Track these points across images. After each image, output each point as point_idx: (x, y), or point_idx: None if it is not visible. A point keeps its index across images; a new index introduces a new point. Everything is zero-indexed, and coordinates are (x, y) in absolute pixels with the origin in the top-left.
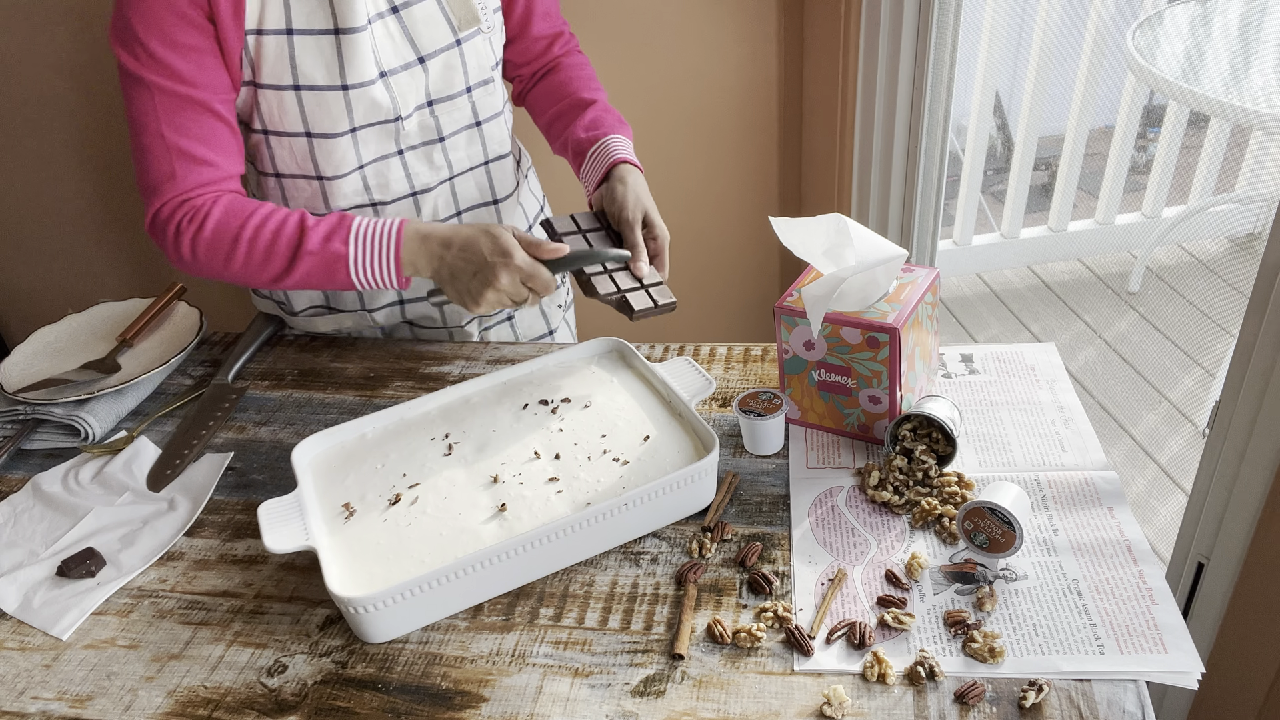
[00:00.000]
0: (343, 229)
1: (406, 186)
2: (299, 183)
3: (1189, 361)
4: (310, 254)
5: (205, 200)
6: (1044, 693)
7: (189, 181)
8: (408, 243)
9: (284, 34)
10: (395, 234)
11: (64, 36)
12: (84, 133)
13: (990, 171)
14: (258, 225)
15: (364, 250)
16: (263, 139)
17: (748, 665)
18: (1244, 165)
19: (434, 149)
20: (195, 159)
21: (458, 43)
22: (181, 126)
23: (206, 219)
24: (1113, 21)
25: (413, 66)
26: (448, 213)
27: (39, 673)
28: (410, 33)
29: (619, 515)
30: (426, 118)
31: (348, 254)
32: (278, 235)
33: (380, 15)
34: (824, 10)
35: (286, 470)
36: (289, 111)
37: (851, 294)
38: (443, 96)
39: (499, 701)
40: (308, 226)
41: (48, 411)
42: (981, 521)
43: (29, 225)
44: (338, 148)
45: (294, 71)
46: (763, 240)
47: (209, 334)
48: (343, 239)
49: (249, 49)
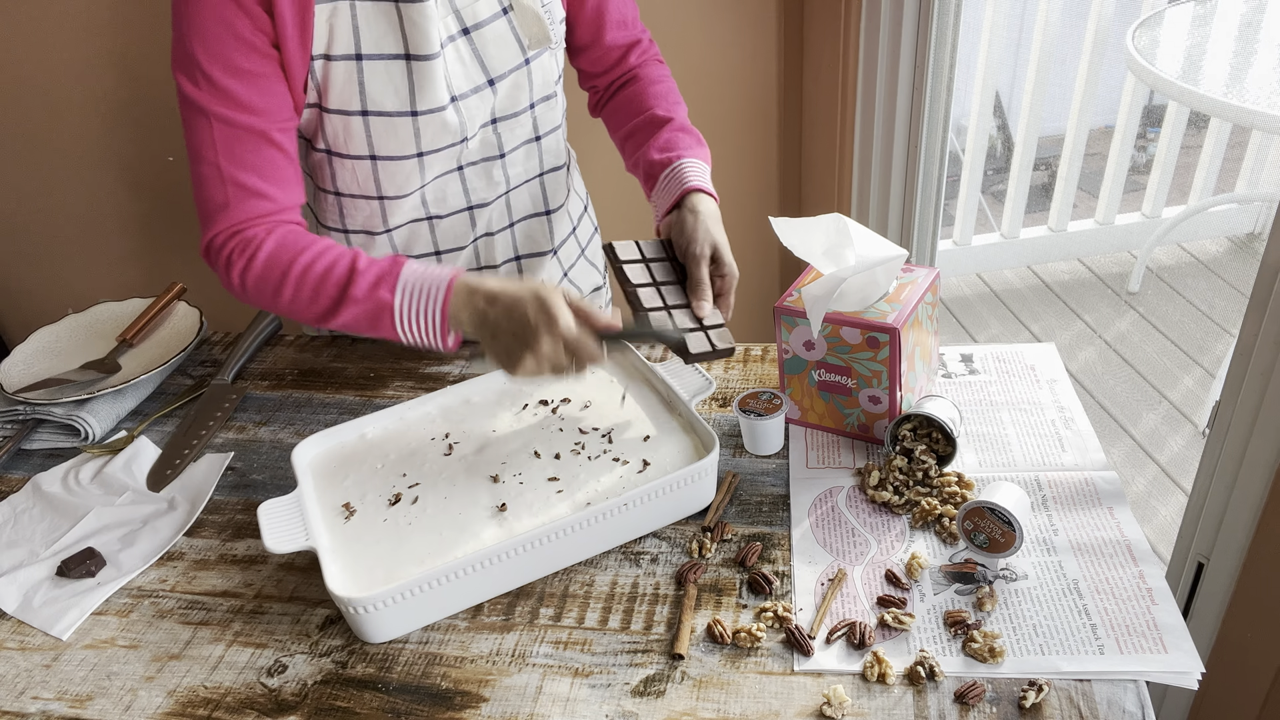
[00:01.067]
0: (391, 276)
1: (464, 201)
2: (359, 202)
3: (1189, 361)
4: (356, 300)
5: (258, 232)
6: (1044, 693)
7: (242, 213)
8: (455, 295)
9: (353, 59)
10: (445, 286)
11: (67, 39)
12: (85, 133)
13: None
14: (307, 263)
15: (410, 301)
16: (325, 159)
17: (748, 665)
18: (1244, 165)
19: (494, 165)
20: (250, 190)
21: (526, 62)
22: (238, 158)
23: (258, 251)
24: (1113, 21)
25: (482, 89)
26: (501, 224)
27: (39, 673)
28: (480, 54)
29: (619, 515)
30: (489, 135)
31: (393, 304)
32: (326, 276)
33: (452, 38)
34: (824, 10)
35: (286, 470)
36: (355, 136)
37: (851, 294)
38: (506, 114)
39: (499, 701)
40: (358, 270)
41: (48, 411)
42: (981, 521)
43: (29, 225)
44: (402, 170)
45: (362, 97)
46: (763, 240)
47: (209, 334)
48: (390, 287)
49: (315, 73)
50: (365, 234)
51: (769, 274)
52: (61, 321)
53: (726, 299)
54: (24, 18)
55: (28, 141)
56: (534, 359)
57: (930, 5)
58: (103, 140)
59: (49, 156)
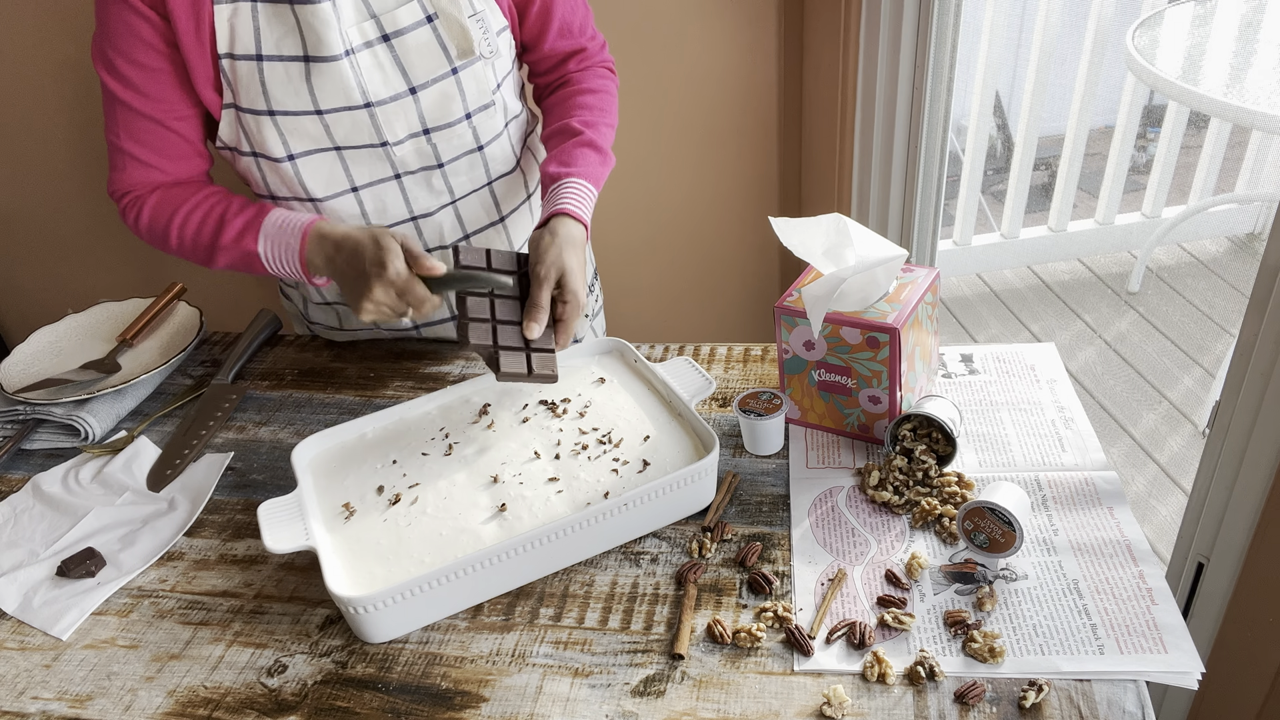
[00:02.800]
0: (255, 225)
1: (405, 211)
2: (293, 204)
3: (1189, 361)
4: (225, 248)
5: (143, 191)
6: (1044, 693)
7: (132, 178)
8: (310, 242)
9: (254, 59)
10: (300, 234)
11: (65, 40)
12: (85, 134)
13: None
14: (186, 214)
15: (272, 247)
16: (253, 162)
17: (748, 665)
18: (1244, 165)
19: (433, 174)
20: (141, 161)
21: (454, 71)
22: (135, 134)
23: (144, 207)
24: (1113, 21)
25: (403, 97)
26: (454, 235)
27: (39, 673)
28: (402, 62)
29: (619, 515)
30: (423, 145)
31: (258, 251)
32: (200, 227)
33: (369, 44)
34: (824, 10)
35: (286, 470)
36: (269, 136)
37: (851, 294)
38: (440, 125)
39: (499, 701)
40: (227, 219)
41: (48, 411)
42: (981, 521)
43: (29, 225)
44: (323, 165)
45: (266, 97)
46: (763, 240)
47: (209, 334)
48: (253, 236)
49: (225, 72)
50: None
51: (769, 274)
52: (61, 321)
53: (566, 326)
54: (23, 16)
55: (28, 141)
56: (371, 303)
57: (930, 5)
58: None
59: (49, 157)
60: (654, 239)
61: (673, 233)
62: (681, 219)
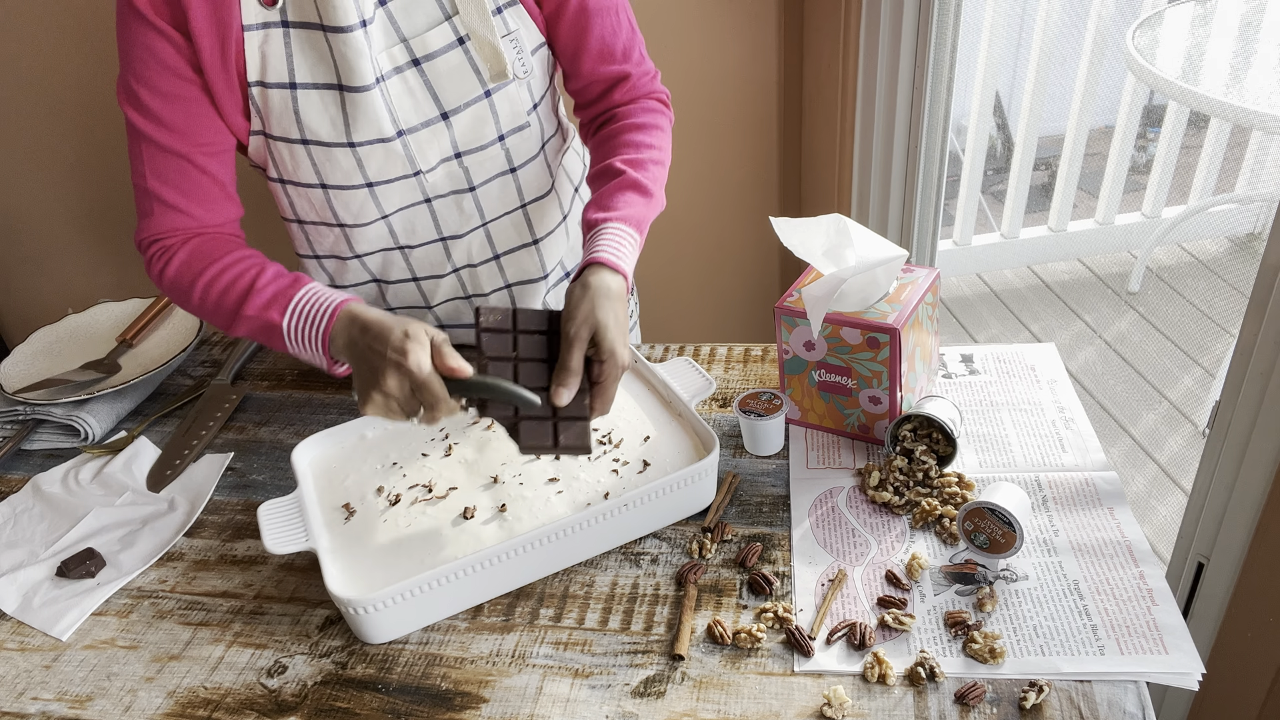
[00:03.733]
0: (285, 298)
1: (434, 232)
2: (321, 229)
3: (1189, 361)
4: (248, 318)
5: (175, 242)
6: (1044, 693)
7: (162, 225)
8: (338, 322)
9: (288, 88)
10: (331, 311)
11: (66, 41)
12: (85, 134)
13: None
14: (213, 276)
15: (299, 323)
16: (280, 187)
17: (748, 666)
18: (1244, 165)
19: (464, 198)
20: (170, 206)
21: (487, 94)
22: (163, 175)
23: (172, 260)
24: (1113, 21)
25: (434, 123)
26: (483, 256)
27: (39, 673)
28: (433, 87)
29: (619, 515)
30: (455, 168)
31: (282, 325)
32: (227, 291)
33: (399, 69)
34: (824, 10)
35: (286, 470)
36: (301, 163)
37: (851, 294)
38: (472, 148)
39: (499, 702)
40: (255, 288)
41: (48, 411)
42: (982, 522)
43: (29, 225)
44: (355, 199)
45: (299, 125)
46: (763, 240)
47: (209, 334)
48: (281, 309)
49: (255, 100)
50: (335, 259)
51: (769, 274)
52: (61, 321)
53: (604, 390)
54: (24, 18)
55: (28, 142)
56: (380, 394)
57: (930, 5)
58: (103, 141)
59: (49, 157)
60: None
61: (673, 232)
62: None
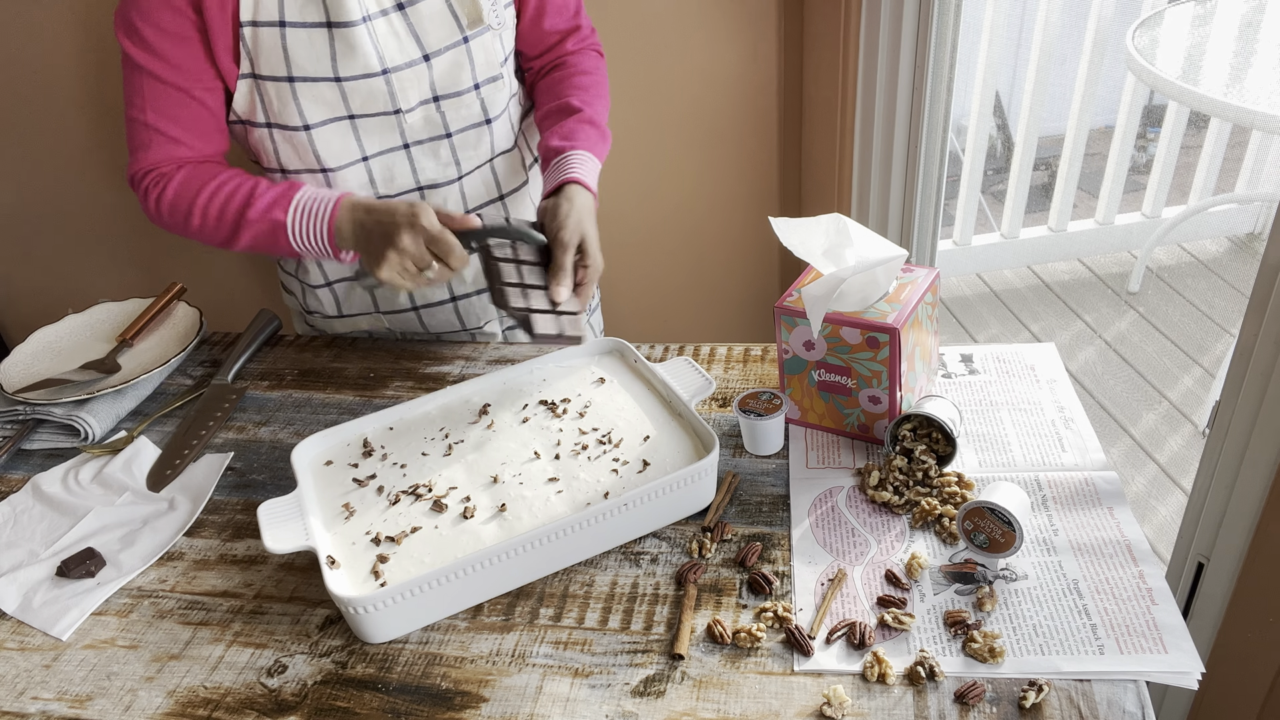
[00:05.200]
0: (286, 198)
1: (412, 180)
2: (303, 176)
3: (1189, 361)
4: (252, 221)
5: (169, 169)
6: (1044, 693)
7: (158, 155)
8: (341, 211)
9: (278, 26)
10: (333, 203)
11: (67, 38)
12: (85, 133)
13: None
14: (213, 191)
15: (301, 218)
16: (266, 133)
17: (748, 665)
18: (1244, 165)
19: (440, 145)
20: (168, 137)
21: (465, 40)
22: (162, 109)
23: (169, 183)
24: (1113, 21)
25: (417, 63)
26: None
27: (39, 673)
28: (416, 29)
29: (619, 515)
30: (432, 113)
31: (286, 222)
32: (228, 201)
33: (384, 12)
34: (824, 10)
35: (286, 470)
36: (287, 104)
37: (851, 294)
38: (449, 93)
39: (499, 702)
40: (256, 194)
41: (48, 411)
42: (981, 521)
43: (29, 225)
44: (335, 136)
45: (287, 63)
46: (763, 240)
47: (209, 334)
48: (284, 208)
49: (245, 40)
50: None
51: (769, 274)
52: (61, 321)
53: (586, 289)
54: (25, 16)
55: (28, 141)
56: (396, 253)
57: (930, 5)
58: (103, 140)
59: (49, 156)
60: (654, 239)
61: (673, 232)
62: (682, 219)
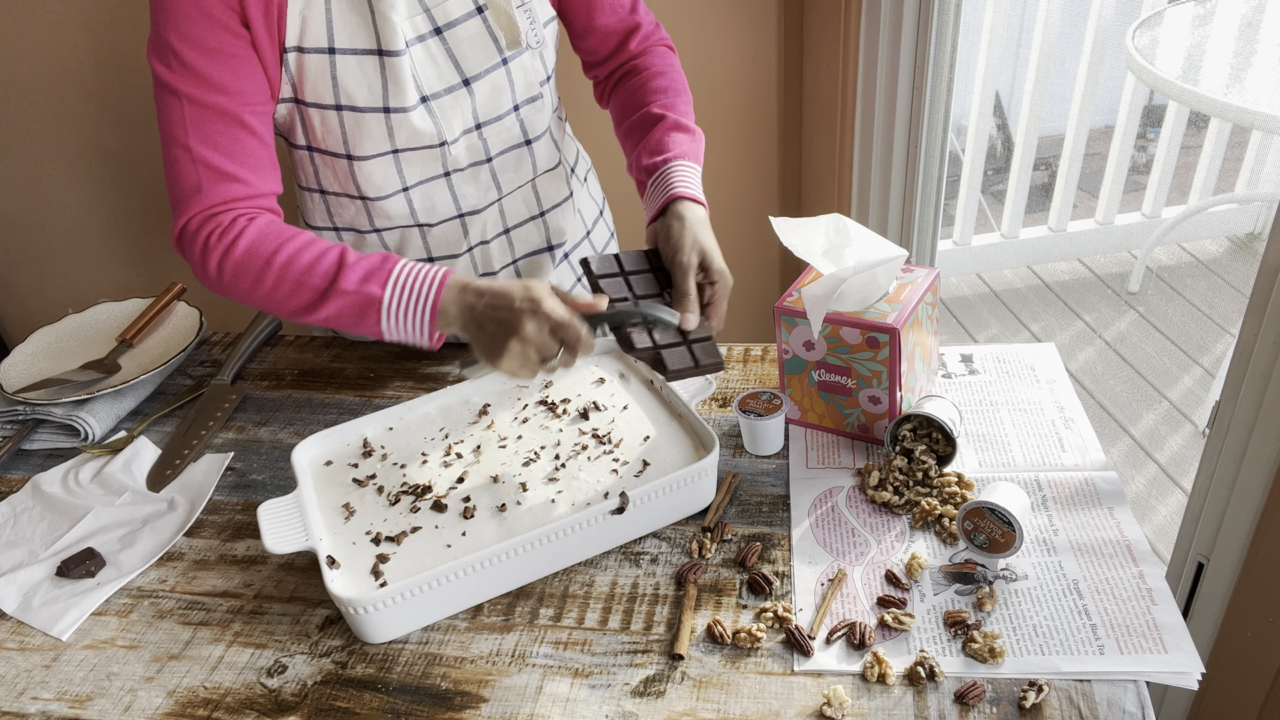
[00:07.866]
0: (383, 271)
1: (453, 209)
2: (343, 200)
3: (1189, 361)
4: (344, 293)
5: (235, 217)
6: (1044, 693)
7: (216, 196)
8: (447, 292)
9: (327, 53)
10: (438, 282)
11: (68, 39)
12: (86, 134)
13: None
14: (294, 252)
15: (401, 295)
16: (306, 155)
17: (748, 665)
18: (1244, 165)
19: (480, 170)
20: (222, 173)
21: (504, 62)
22: (210, 139)
23: (240, 237)
24: (1113, 21)
25: (457, 90)
26: (495, 231)
27: (39, 673)
28: (454, 54)
29: (619, 515)
30: (474, 140)
31: (383, 297)
32: (313, 266)
33: (421, 38)
34: (824, 10)
35: (286, 470)
36: (331, 131)
37: (851, 294)
38: (490, 118)
39: (499, 702)
40: (347, 263)
41: (48, 411)
42: (981, 521)
43: (29, 225)
44: (378, 170)
45: (336, 91)
46: (763, 240)
47: (209, 334)
48: (381, 282)
49: (289, 66)
50: (353, 231)
51: (769, 274)
52: (61, 321)
53: (716, 308)
54: (23, 16)
55: (28, 142)
56: (519, 343)
57: (930, 5)
58: (103, 140)
59: (49, 157)
60: None
61: None
62: None
